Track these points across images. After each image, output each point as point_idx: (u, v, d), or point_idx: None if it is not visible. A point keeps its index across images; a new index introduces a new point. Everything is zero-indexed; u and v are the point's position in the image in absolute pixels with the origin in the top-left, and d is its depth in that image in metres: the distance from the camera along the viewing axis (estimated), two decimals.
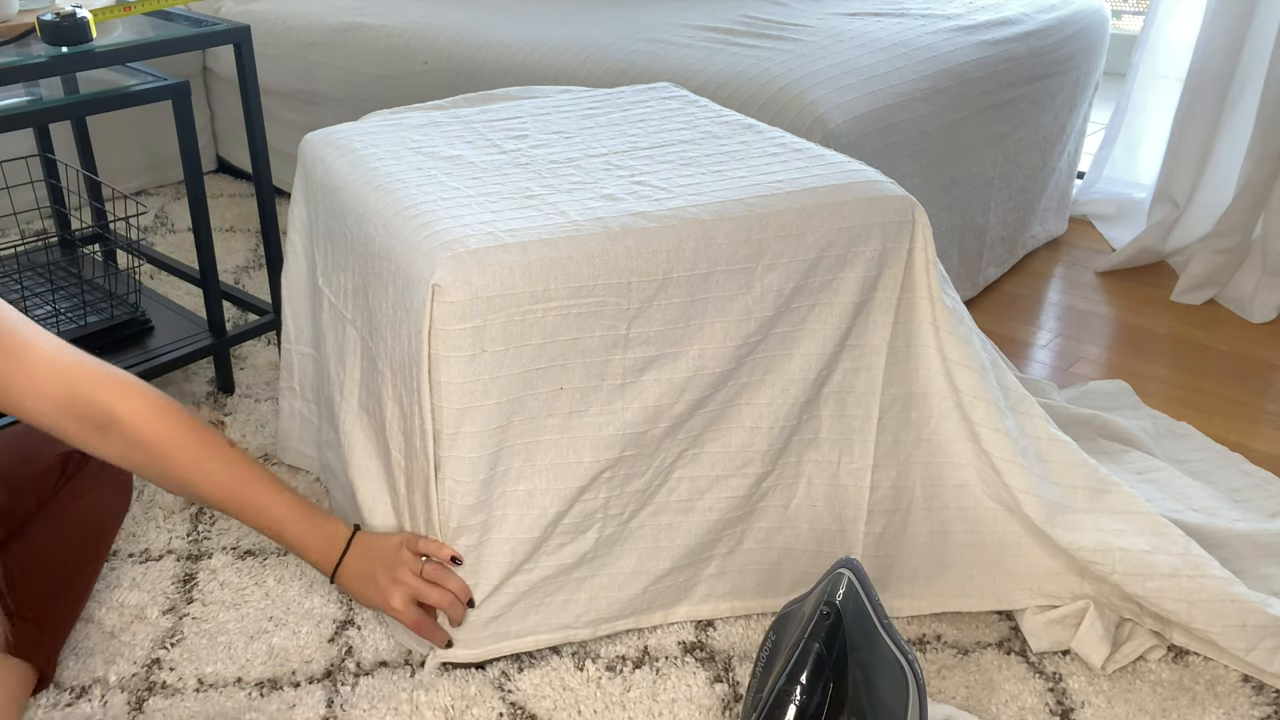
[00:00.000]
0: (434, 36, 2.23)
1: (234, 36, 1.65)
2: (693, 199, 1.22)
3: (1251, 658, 1.27)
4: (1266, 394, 1.93)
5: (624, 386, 1.20)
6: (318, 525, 1.20)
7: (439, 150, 1.38)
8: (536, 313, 1.12)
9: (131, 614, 1.37)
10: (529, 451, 1.18)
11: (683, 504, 1.28)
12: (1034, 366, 2.03)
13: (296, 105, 2.54)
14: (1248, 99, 2.21)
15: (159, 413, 1.09)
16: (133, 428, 1.08)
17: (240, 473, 1.14)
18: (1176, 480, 1.57)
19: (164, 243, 2.44)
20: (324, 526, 1.20)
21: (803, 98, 1.73)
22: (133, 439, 1.08)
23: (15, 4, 1.61)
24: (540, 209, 1.20)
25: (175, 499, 1.58)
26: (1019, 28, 2.16)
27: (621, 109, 1.54)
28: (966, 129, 2.01)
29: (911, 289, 1.29)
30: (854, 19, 2.15)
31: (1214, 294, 2.28)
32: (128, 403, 1.07)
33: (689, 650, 1.32)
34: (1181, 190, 2.34)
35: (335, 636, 1.33)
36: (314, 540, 1.20)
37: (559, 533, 1.23)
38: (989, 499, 1.34)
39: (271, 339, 2.02)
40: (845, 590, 1.08)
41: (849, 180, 1.28)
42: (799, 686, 1.04)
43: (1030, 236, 2.43)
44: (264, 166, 1.75)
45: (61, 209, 2.06)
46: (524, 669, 1.29)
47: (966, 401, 1.30)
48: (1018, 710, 1.25)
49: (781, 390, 1.27)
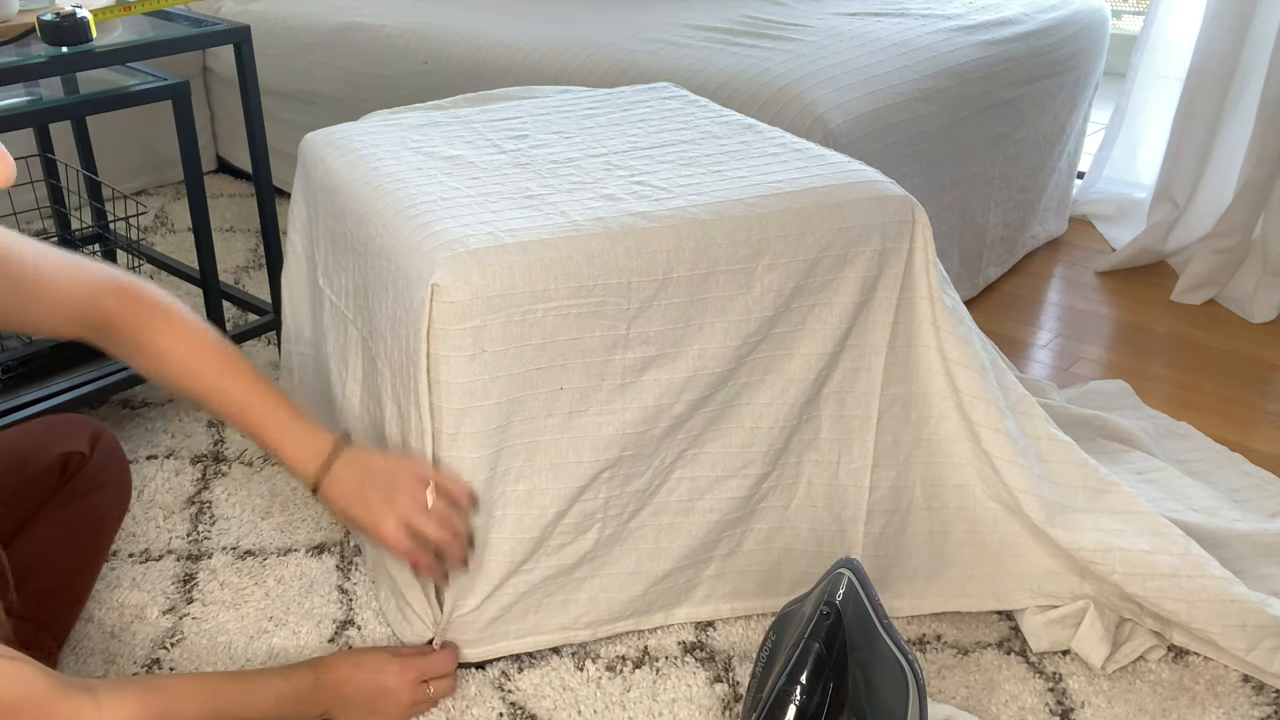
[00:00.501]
0: (434, 36, 2.23)
1: (234, 36, 1.65)
2: (693, 199, 1.22)
3: (1251, 658, 1.27)
4: (1266, 394, 1.93)
5: (624, 386, 1.20)
6: (303, 431, 1.13)
7: (439, 150, 1.38)
8: (536, 313, 1.12)
9: (131, 614, 1.37)
10: (529, 451, 1.18)
11: (683, 504, 1.28)
12: (1034, 366, 2.03)
13: (296, 105, 2.54)
14: (1248, 99, 2.21)
15: (148, 313, 1.09)
16: (127, 332, 1.09)
17: (226, 370, 1.11)
18: (1176, 480, 1.57)
19: (164, 243, 2.45)
20: (311, 433, 1.14)
21: (803, 98, 1.73)
22: (127, 341, 1.09)
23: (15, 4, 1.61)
24: (540, 209, 1.20)
25: (175, 499, 1.58)
26: (1019, 28, 2.16)
27: (621, 109, 1.54)
28: (966, 129, 2.01)
29: (911, 289, 1.29)
30: (854, 19, 2.15)
31: (1214, 294, 2.28)
32: (121, 307, 1.09)
33: (689, 650, 1.32)
34: (1181, 190, 2.34)
35: (335, 636, 1.33)
36: (298, 446, 1.13)
37: (559, 533, 1.23)
38: (989, 499, 1.34)
39: (271, 339, 2.02)
40: (845, 590, 1.08)
41: (849, 180, 1.28)
42: (799, 686, 1.04)
43: (1030, 236, 2.43)
44: (264, 166, 1.75)
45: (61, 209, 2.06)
46: (524, 669, 1.29)
47: (966, 401, 1.30)
48: (1018, 710, 1.25)
49: (781, 390, 1.27)
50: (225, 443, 1.71)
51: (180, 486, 1.61)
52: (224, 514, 1.55)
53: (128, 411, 1.79)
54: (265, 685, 1.09)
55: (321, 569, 1.44)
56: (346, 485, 1.13)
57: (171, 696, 0.99)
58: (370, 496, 1.12)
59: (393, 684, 1.17)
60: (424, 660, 1.21)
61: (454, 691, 1.24)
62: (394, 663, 1.19)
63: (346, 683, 1.15)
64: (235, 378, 1.12)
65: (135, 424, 1.76)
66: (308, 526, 1.52)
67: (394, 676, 1.18)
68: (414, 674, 1.19)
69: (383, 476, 1.13)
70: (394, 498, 1.12)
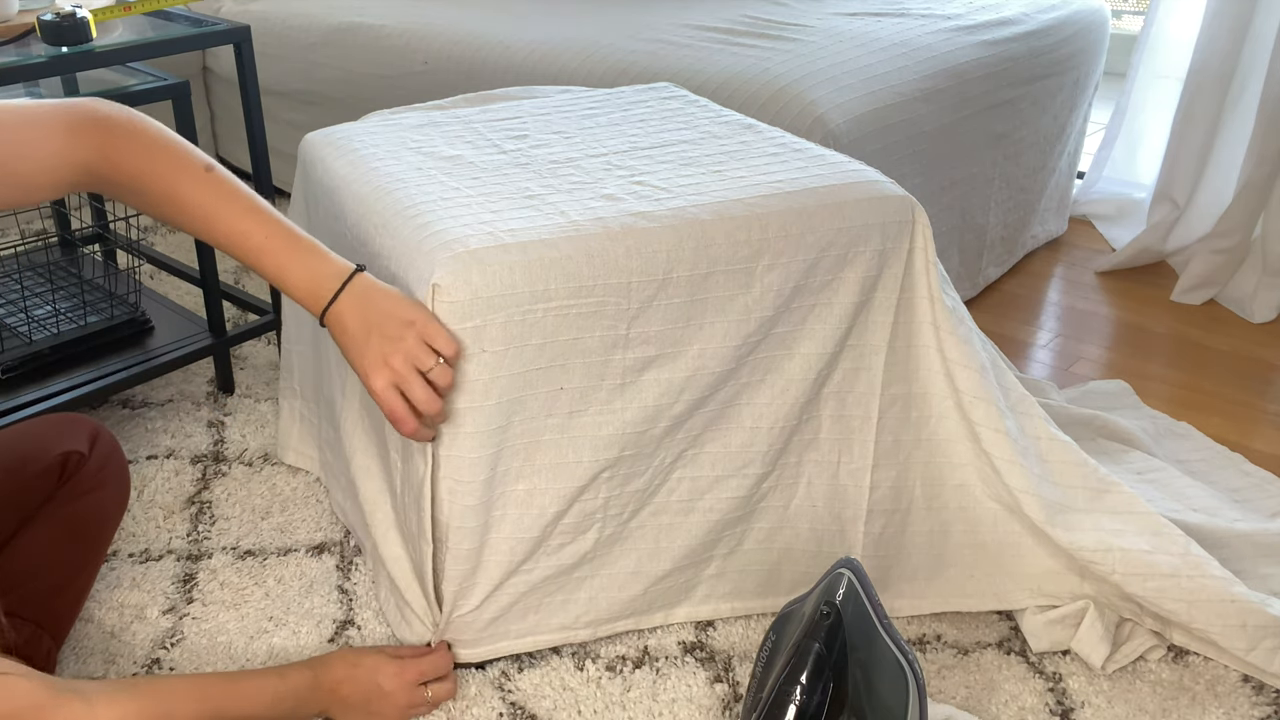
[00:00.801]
0: (434, 36, 2.23)
1: (234, 36, 1.65)
2: (693, 199, 1.22)
3: (1251, 658, 1.27)
4: (1266, 394, 1.93)
5: (624, 386, 1.20)
6: (305, 257, 1.07)
7: (439, 150, 1.38)
8: (536, 313, 1.12)
9: (131, 614, 1.37)
10: (529, 451, 1.18)
11: (683, 504, 1.28)
12: (1034, 366, 2.03)
13: (296, 105, 2.54)
14: (1248, 99, 2.21)
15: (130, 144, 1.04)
16: (110, 172, 1.03)
17: (215, 195, 1.05)
18: (1176, 480, 1.57)
19: (164, 243, 2.45)
20: (313, 259, 1.08)
21: (803, 98, 1.73)
22: (112, 180, 1.04)
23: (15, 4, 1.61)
24: (540, 209, 1.20)
25: (175, 498, 1.58)
26: (1019, 28, 2.16)
27: (621, 109, 1.54)
28: (966, 129, 2.01)
29: (911, 289, 1.29)
30: (854, 19, 2.15)
31: (1214, 294, 2.28)
32: (102, 148, 1.03)
33: (689, 650, 1.32)
34: (1181, 190, 2.34)
35: (335, 636, 1.33)
36: (298, 274, 1.07)
37: (559, 533, 1.23)
38: (989, 499, 1.34)
39: (271, 339, 2.02)
40: (845, 590, 1.08)
41: (849, 180, 1.28)
42: (799, 686, 1.04)
43: (1030, 236, 2.43)
44: (264, 166, 1.75)
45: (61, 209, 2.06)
46: (524, 669, 1.29)
47: (966, 401, 1.30)
48: (1018, 710, 1.25)
49: (781, 390, 1.27)
50: (225, 443, 1.71)
51: (180, 486, 1.61)
52: (224, 514, 1.55)
53: (128, 411, 1.79)
54: (261, 685, 1.08)
55: (321, 569, 1.44)
56: (349, 323, 1.07)
57: (166, 698, 0.99)
58: (370, 343, 1.07)
59: (390, 685, 1.17)
60: (422, 661, 1.21)
61: (455, 694, 1.24)
62: (391, 664, 1.19)
63: (344, 683, 1.15)
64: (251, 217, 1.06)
65: (135, 424, 1.76)
66: (308, 526, 1.52)
67: (391, 678, 1.18)
68: (412, 675, 1.19)
69: (386, 326, 1.07)
70: (393, 355, 1.06)
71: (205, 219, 1.06)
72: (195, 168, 1.06)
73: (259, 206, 1.07)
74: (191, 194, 1.05)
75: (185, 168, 1.05)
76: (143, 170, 1.04)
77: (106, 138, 1.03)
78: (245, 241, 1.06)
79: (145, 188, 1.05)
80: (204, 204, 1.06)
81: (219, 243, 1.07)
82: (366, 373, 1.07)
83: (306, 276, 1.08)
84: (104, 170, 1.03)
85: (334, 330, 1.09)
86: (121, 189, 1.05)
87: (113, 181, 1.05)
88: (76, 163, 1.02)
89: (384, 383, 1.06)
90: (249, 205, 1.07)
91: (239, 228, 1.06)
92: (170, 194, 1.05)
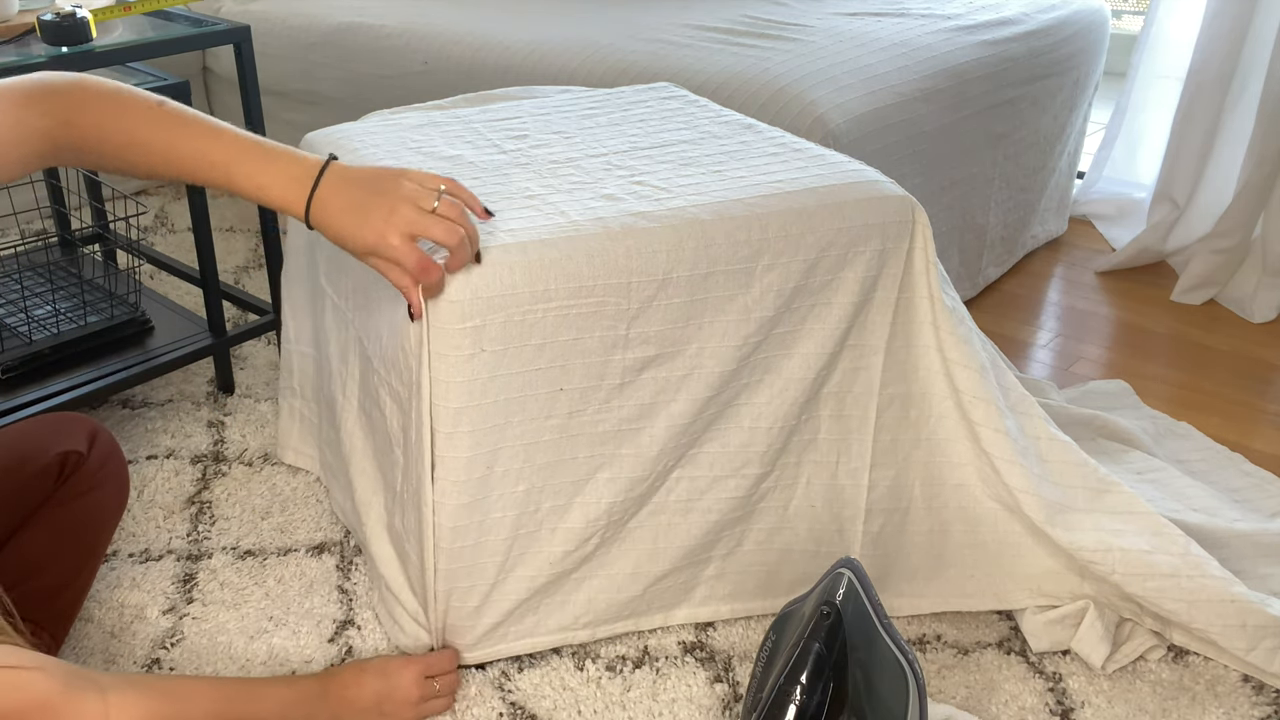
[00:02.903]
0: (434, 36, 2.23)
1: (234, 36, 1.65)
2: (693, 199, 1.22)
3: (1251, 658, 1.27)
4: (1266, 394, 1.93)
5: (623, 386, 1.20)
6: (275, 163, 1.03)
7: (439, 150, 1.38)
8: (536, 313, 1.12)
9: (131, 614, 1.37)
10: (528, 451, 1.18)
11: (682, 504, 1.28)
12: (1034, 366, 2.03)
13: (296, 105, 2.54)
14: (1248, 99, 2.21)
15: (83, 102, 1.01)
16: (71, 135, 1.01)
17: (172, 126, 1.02)
18: (1176, 480, 1.57)
19: (164, 243, 2.45)
20: (283, 162, 1.03)
21: (803, 98, 1.73)
22: (74, 144, 1.01)
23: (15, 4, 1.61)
24: (540, 209, 1.20)
25: (175, 498, 1.58)
26: (1019, 28, 2.16)
27: (621, 109, 1.54)
28: (966, 129, 2.01)
29: (911, 289, 1.29)
30: (854, 19, 2.15)
31: (1214, 294, 2.28)
32: (59, 112, 1.00)
33: (689, 650, 1.32)
34: (1181, 190, 2.34)
35: (335, 636, 1.33)
36: (272, 178, 1.02)
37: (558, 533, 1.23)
38: (989, 499, 1.34)
39: (271, 339, 2.02)
40: (845, 590, 1.08)
41: (849, 180, 1.28)
42: (799, 686, 1.04)
43: (1030, 236, 2.43)
44: None
45: (61, 209, 2.06)
46: (524, 669, 1.29)
47: (966, 401, 1.30)
48: (1018, 710, 1.25)
49: (781, 390, 1.27)
50: (225, 443, 1.71)
51: (180, 486, 1.61)
52: (224, 514, 1.55)
53: (127, 411, 1.79)
54: (271, 691, 1.09)
55: (321, 569, 1.44)
56: (338, 202, 1.02)
57: (179, 698, 0.99)
58: (372, 208, 1.02)
59: (400, 680, 1.18)
60: (427, 656, 1.22)
61: (459, 684, 1.24)
62: (397, 660, 1.20)
63: (352, 686, 1.16)
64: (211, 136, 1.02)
65: (135, 424, 1.76)
66: (308, 526, 1.52)
67: (399, 673, 1.18)
68: (420, 667, 1.20)
69: (380, 181, 1.04)
70: (397, 205, 1.02)
71: (167, 151, 1.02)
72: (147, 105, 1.03)
73: (219, 127, 1.04)
74: (150, 132, 1.02)
75: (137, 108, 1.02)
76: (99, 123, 1.01)
77: (60, 100, 1.01)
78: (211, 161, 1.03)
79: (105, 139, 1.02)
80: (163, 137, 1.02)
81: (187, 171, 1.03)
82: (379, 235, 1.01)
83: (282, 179, 1.03)
84: (65, 135, 1.01)
85: (323, 221, 1.03)
86: (86, 151, 1.03)
87: (75, 146, 1.02)
88: (39, 130, 0.99)
89: (399, 236, 1.01)
90: (207, 127, 1.03)
91: (202, 149, 1.02)
92: (130, 139, 1.02)
